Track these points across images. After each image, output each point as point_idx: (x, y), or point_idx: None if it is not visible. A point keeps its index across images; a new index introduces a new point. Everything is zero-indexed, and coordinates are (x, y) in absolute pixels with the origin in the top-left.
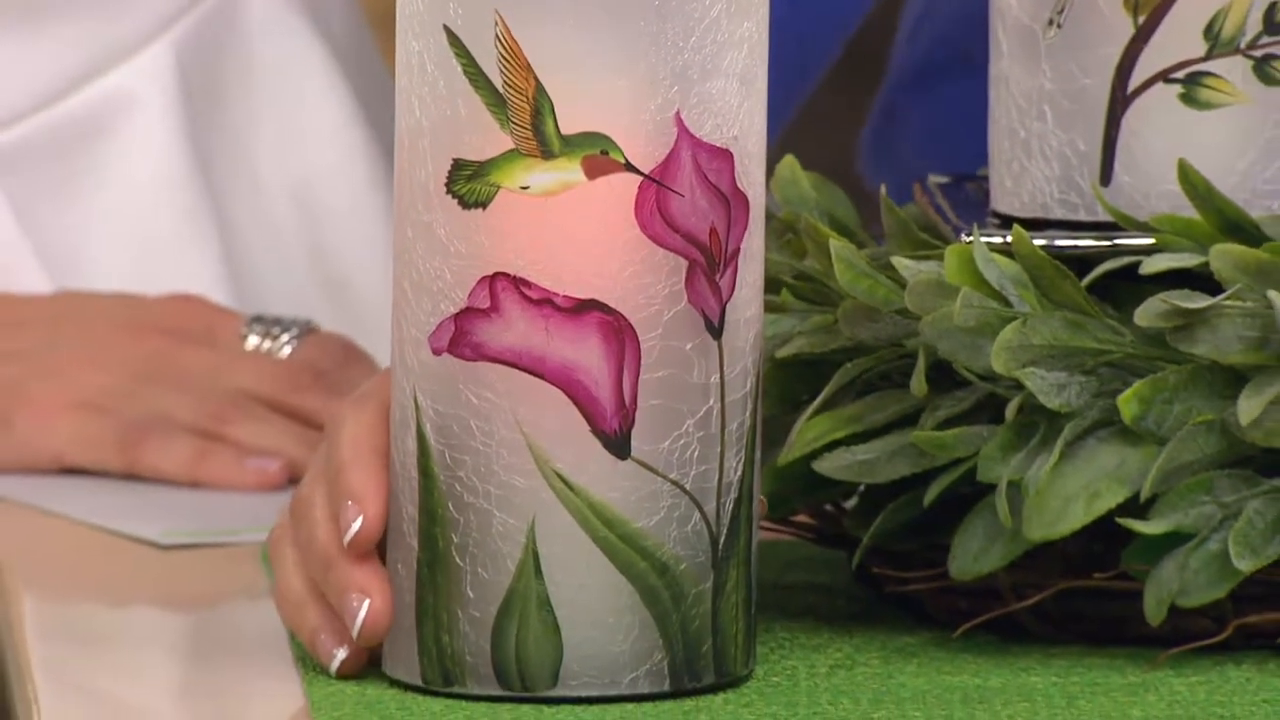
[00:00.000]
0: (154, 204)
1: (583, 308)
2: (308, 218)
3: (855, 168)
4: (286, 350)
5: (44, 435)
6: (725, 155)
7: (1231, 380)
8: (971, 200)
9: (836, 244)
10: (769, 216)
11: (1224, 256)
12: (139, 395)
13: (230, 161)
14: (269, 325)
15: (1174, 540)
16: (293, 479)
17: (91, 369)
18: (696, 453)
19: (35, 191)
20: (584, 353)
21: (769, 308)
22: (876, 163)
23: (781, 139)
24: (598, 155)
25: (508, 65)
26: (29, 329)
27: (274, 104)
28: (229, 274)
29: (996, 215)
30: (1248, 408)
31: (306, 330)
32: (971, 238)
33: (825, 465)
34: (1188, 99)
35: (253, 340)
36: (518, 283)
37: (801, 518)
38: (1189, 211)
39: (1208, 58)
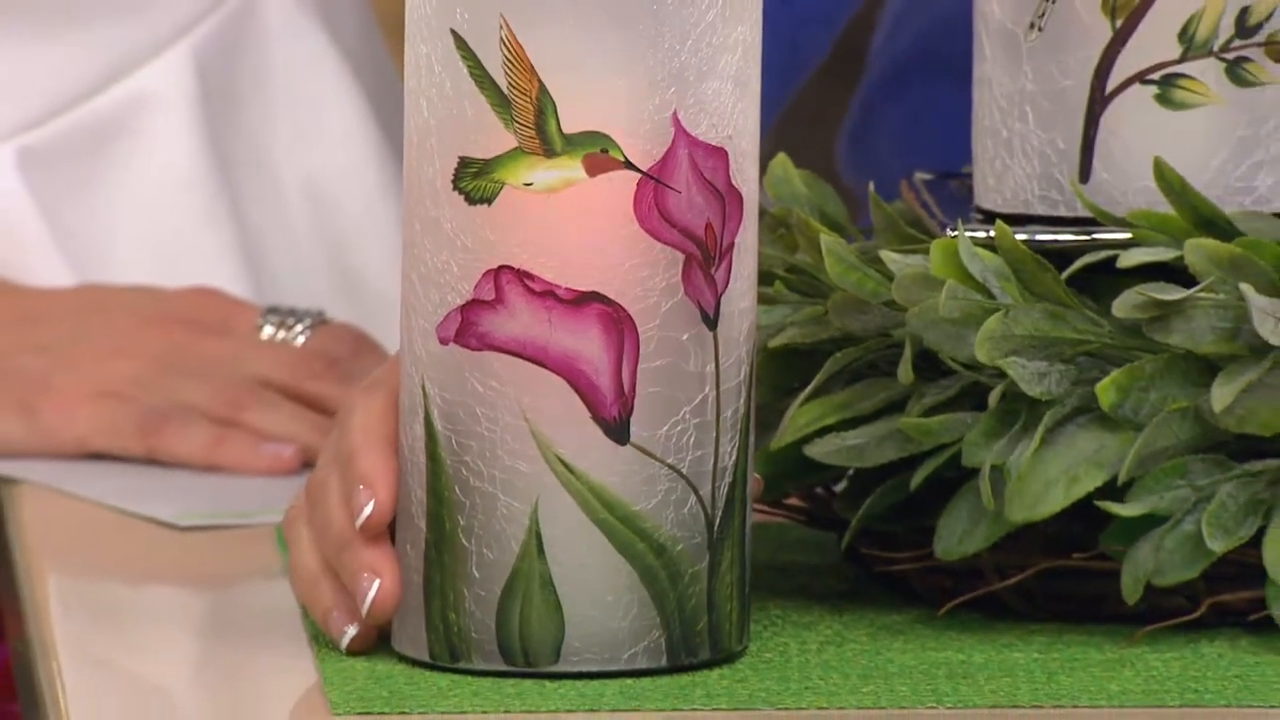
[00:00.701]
0: (173, 202)
1: (584, 299)
2: (322, 215)
3: (834, 165)
4: (300, 340)
5: (68, 423)
6: (720, 154)
7: (1205, 369)
8: (956, 197)
9: (827, 239)
10: (762, 212)
11: (1198, 250)
12: (159, 384)
13: (247, 161)
14: (283, 316)
15: (1150, 522)
16: (306, 463)
17: (113, 359)
18: (693, 438)
19: (60, 189)
20: (585, 343)
21: (762, 299)
22: (855, 159)
23: (773, 136)
24: (598, 153)
25: (512, 67)
26: (54, 322)
27: (289, 105)
28: (247, 270)
29: (980, 211)
30: (1220, 395)
31: (319, 320)
32: (956, 232)
33: (816, 450)
34: (1163, 100)
35: (268, 330)
36: (521, 275)
37: (793, 500)
38: (1164, 207)
39: (1182, 60)
